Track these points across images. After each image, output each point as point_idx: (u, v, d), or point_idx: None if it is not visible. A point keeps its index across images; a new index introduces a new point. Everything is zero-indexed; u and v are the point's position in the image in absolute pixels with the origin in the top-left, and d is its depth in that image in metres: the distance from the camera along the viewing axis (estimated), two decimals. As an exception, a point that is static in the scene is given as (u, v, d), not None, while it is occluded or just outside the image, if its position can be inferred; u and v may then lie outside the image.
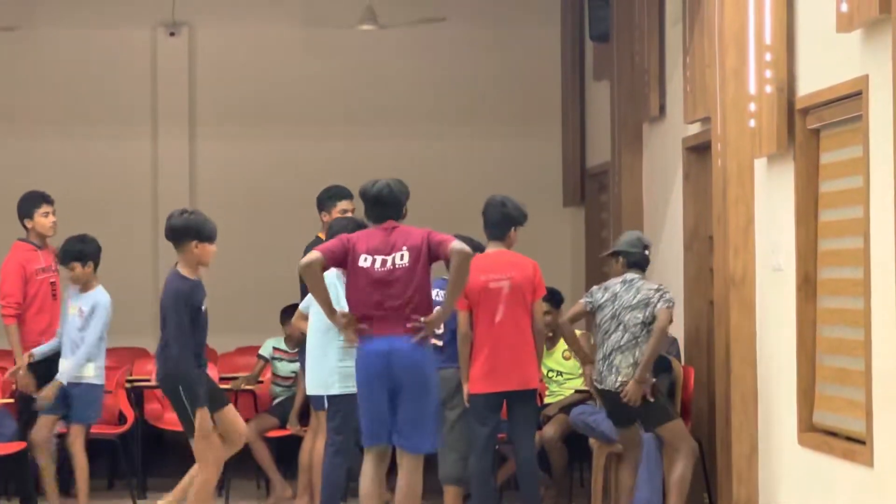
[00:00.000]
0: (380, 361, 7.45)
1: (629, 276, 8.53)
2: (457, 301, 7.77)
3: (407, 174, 12.84)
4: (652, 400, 8.33)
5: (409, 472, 7.56)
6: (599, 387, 8.50)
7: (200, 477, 8.04)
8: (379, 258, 7.48)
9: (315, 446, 8.92)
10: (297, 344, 9.78)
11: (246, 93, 13.17)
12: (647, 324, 8.35)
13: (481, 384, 8.39)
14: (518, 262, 8.55)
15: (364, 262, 7.49)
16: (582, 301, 8.72)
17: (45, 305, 9.62)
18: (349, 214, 9.22)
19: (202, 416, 7.86)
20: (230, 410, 8.24)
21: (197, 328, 8.01)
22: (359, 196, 7.81)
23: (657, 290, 8.39)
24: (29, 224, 9.67)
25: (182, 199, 12.56)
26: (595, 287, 8.72)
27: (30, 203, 9.70)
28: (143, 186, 13.03)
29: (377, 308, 7.48)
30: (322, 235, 9.19)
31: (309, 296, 8.60)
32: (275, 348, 10.56)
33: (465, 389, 8.47)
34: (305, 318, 8.65)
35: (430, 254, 7.47)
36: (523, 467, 8.61)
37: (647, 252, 8.58)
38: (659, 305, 8.32)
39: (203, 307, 8.09)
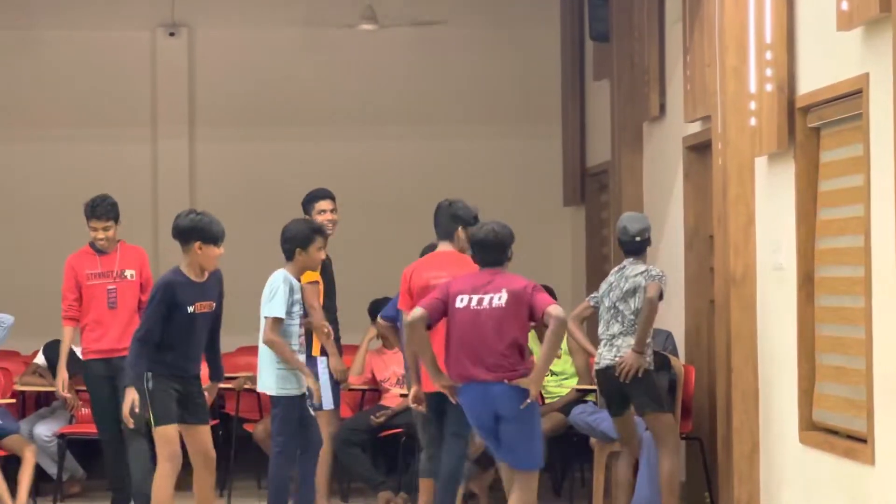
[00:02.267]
0: (478, 405, 7.55)
1: (623, 263, 8.55)
2: (551, 362, 7.88)
3: (407, 174, 13.06)
4: (640, 376, 8.30)
5: (519, 487, 7.62)
6: (597, 367, 8.50)
7: (158, 470, 7.90)
8: (475, 297, 7.57)
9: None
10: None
11: (246, 93, 13.16)
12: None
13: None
14: (460, 260, 8.35)
15: (460, 302, 7.59)
16: (587, 300, 8.77)
17: (102, 316, 9.39)
18: (328, 215, 9.29)
19: (127, 395, 7.79)
20: (203, 430, 8.05)
21: (172, 327, 7.82)
22: (468, 241, 7.90)
23: (644, 272, 8.39)
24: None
25: (182, 200, 12.55)
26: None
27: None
28: (143, 188, 13.01)
29: (473, 349, 7.52)
30: None
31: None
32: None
33: (414, 390, 8.25)
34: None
35: (529, 307, 7.53)
36: (443, 472, 8.22)
37: (637, 238, 8.51)
38: (647, 284, 8.33)
39: (191, 310, 7.88)
